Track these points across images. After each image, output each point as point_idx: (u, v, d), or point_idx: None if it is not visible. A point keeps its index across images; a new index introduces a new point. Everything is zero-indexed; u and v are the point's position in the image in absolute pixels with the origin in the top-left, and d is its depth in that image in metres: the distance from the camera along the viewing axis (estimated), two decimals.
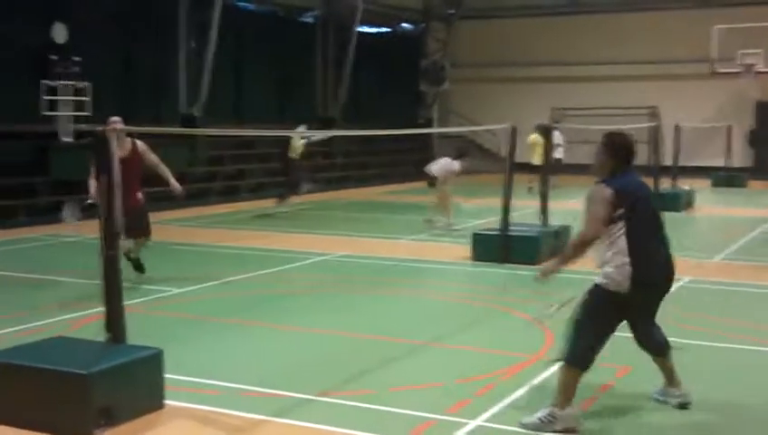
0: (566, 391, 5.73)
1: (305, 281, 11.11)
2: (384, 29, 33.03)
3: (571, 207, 18.34)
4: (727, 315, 8.85)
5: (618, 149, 5.91)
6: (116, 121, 9.96)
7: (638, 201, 5.83)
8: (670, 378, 6.28)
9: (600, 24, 31.47)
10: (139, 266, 10.65)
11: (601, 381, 6.67)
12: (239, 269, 11.57)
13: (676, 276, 6.27)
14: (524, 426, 5.71)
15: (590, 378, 6.75)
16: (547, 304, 6.86)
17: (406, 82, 33.01)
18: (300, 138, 18.51)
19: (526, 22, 32.75)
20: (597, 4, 31.94)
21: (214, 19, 21.51)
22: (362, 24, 28.46)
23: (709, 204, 20.39)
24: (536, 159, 21.50)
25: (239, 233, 15.81)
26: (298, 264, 12.19)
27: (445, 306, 9.61)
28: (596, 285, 5.81)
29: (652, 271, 5.83)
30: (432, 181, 16.40)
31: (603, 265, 5.77)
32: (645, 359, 7.29)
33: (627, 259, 5.66)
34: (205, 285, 10.54)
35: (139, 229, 10.40)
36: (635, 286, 5.67)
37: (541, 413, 5.71)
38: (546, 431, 5.61)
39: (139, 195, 10.44)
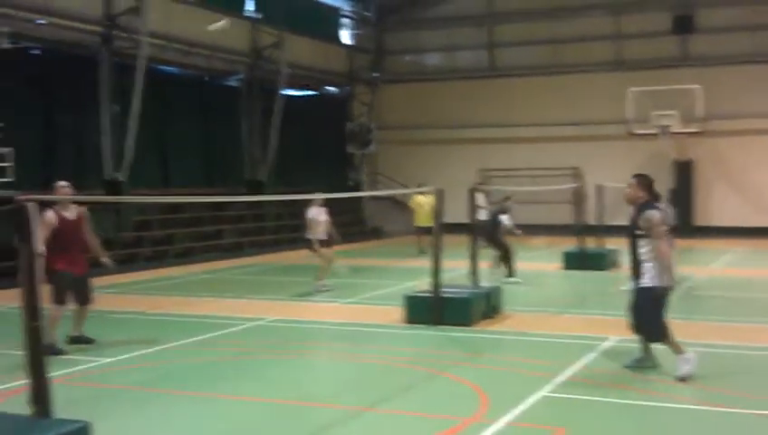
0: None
1: (237, 347, 10.94)
2: (310, 92, 33.30)
3: (500, 267, 18.54)
4: (657, 374, 8.95)
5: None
6: (63, 186, 10.00)
7: None
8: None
9: (520, 86, 32.30)
10: (87, 340, 10.62)
11: None
12: (170, 337, 11.33)
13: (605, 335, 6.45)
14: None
15: None
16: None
17: (333, 144, 33.25)
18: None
19: (449, 85, 33.43)
20: (516, 67, 32.82)
21: (137, 83, 21.36)
22: (287, 87, 28.65)
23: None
24: (422, 221, 22.30)
25: (169, 299, 15.51)
26: (230, 330, 12.00)
27: (378, 370, 9.54)
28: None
29: None
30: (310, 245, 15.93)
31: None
32: (577, 420, 7.36)
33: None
34: (135, 354, 10.28)
35: (86, 296, 10.49)
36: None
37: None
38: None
39: (85, 261, 10.36)
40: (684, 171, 30.10)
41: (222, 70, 27.40)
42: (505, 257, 17.42)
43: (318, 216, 15.86)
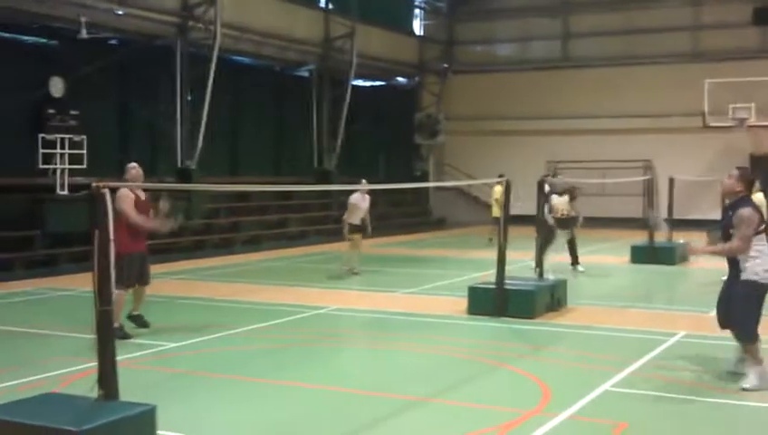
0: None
1: (300, 335, 11.05)
2: (379, 82, 33.37)
3: (566, 259, 18.37)
4: (724, 371, 8.76)
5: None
6: (134, 166, 10.26)
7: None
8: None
9: (593, 77, 31.85)
10: (144, 323, 10.70)
11: None
12: (235, 323, 11.51)
13: (672, 331, 6.37)
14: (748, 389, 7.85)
15: None
16: None
17: (401, 134, 33.29)
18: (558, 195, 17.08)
19: (519, 75, 33.15)
20: (588, 57, 32.37)
21: (210, 73, 21.69)
22: (357, 77, 28.75)
23: (705, 257, 20.32)
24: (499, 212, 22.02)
25: (235, 286, 15.76)
26: (293, 317, 12.13)
27: (440, 361, 9.54)
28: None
29: None
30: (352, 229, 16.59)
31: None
32: (640, 415, 7.27)
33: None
34: (200, 339, 10.48)
35: (146, 276, 10.57)
36: None
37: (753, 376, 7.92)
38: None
39: (145, 239, 10.56)
40: (760, 165, 29.26)
41: (294, 60, 27.63)
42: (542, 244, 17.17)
43: (360, 202, 16.41)
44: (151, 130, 22.70)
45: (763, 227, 8.07)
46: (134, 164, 10.50)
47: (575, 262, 17.27)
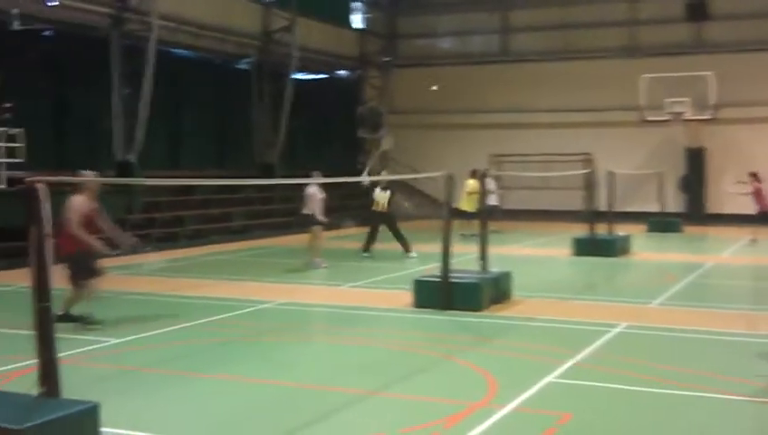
0: None
1: (246, 330, 10.96)
2: (320, 76, 33.24)
3: (510, 252, 18.59)
4: (665, 361, 8.94)
5: None
6: (92, 175, 10.70)
7: None
8: None
9: (531, 71, 32.13)
10: (92, 321, 10.59)
11: (543, 427, 6.67)
12: (179, 318, 11.36)
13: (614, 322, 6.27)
14: None
15: (530, 427, 6.78)
16: None
17: (343, 128, 33.20)
18: (381, 190, 18.73)
19: (461, 69, 33.28)
20: (528, 52, 32.65)
21: (148, 66, 21.36)
22: (298, 70, 28.60)
23: (645, 249, 20.72)
24: (468, 205, 22.38)
25: (178, 281, 15.55)
26: (239, 312, 12.02)
27: (386, 354, 9.54)
28: None
29: None
30: (309, 221, 16.94)
31: None
32: (584, 406, 7.35)
33: None
34: (144, 335, 10.32)
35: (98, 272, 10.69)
36: None
37: None
38: None
39: None
40: (695, 158, 29.95)
41: (233, 53, 27.37)
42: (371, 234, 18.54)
43: (317, 193, 16.90)
44: (89, 123, 22.26)
45: None
46: (91, 172, 10.67)
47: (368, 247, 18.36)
